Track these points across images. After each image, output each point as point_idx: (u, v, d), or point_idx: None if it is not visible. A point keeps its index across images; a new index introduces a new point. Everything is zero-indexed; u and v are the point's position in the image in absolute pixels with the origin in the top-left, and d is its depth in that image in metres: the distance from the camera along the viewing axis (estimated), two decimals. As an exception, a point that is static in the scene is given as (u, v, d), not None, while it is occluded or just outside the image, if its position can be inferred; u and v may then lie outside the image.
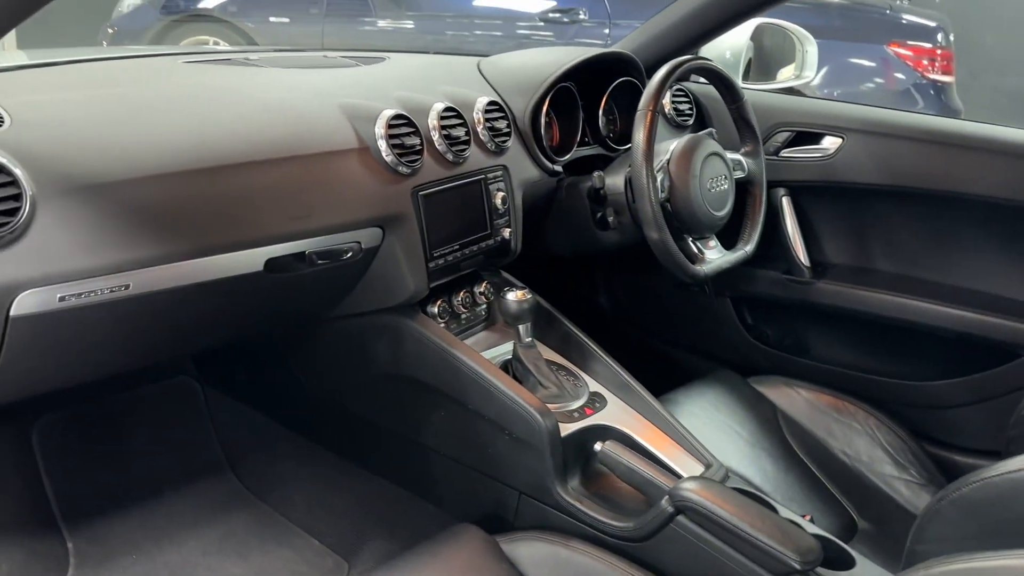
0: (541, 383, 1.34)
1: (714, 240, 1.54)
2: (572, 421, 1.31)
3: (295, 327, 1.46)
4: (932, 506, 0.94)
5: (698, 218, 1.46)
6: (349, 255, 1.24)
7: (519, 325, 1.38)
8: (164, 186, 1.04)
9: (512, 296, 1.36)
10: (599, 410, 1.35)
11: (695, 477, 1.23)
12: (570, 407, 1.34)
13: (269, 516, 1.50)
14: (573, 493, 1.27)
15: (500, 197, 1.43)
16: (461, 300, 1.45)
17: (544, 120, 1.52)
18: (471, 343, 1.43)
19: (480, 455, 1.35)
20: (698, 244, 1.51)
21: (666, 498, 1.15)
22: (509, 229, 1.45)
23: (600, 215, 1.54)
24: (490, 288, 1.50)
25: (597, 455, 1.28)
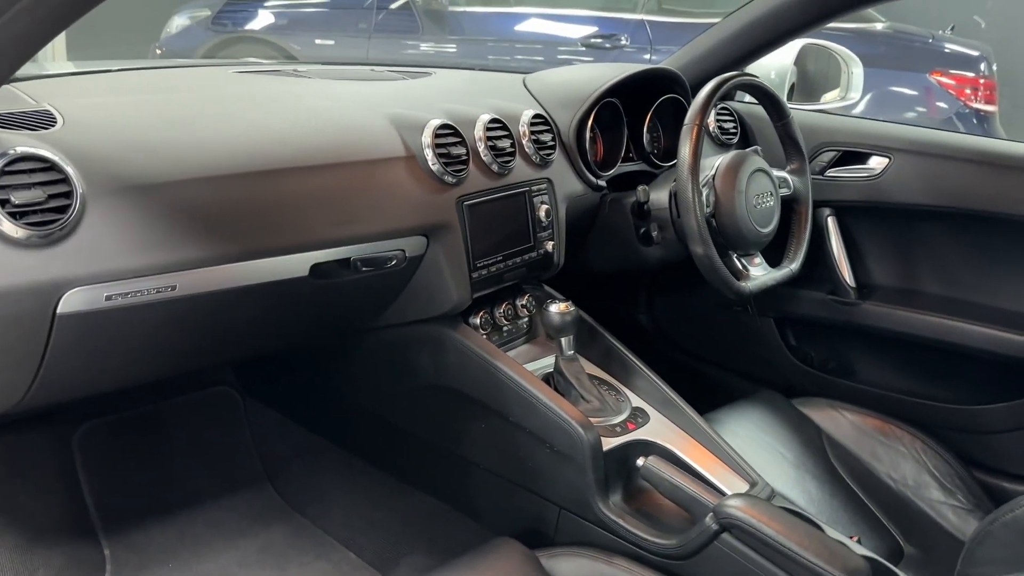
0: (583, 396, 1.33)
1: (759, 257, 1.52)
2: (614, 436, 1.29)
3: (337, 336, 1.46)
4: (983, 528, 0.91)
5: (743, 234, 1.45)
6: (393, 263, 1.24)
7: (561, 338, 1.36)
8: (213, 188, 1.04)
9: (555, 308, 1.35)
10: (641, 425, 1.33)
11: (741, 494, 1.20)
12: (612, 421, 1.32)
13: (307, 528, 1.49)
14: (614, 509, 1.24)
15: (544, 210, 1.43)
16: (503, 312, 1.44)
17: (589, 135, 1.52)
18: (512, 356, 1.42)
19: (520, 468, 1.33)
20: (743, 261, 1.49)
21: (711, 515, 1.12)
22: (552, 242, 1.45)
23: (644, 230, 1.53)
24: (532, 301, 1.49)
25: (639, 470, 1.25)
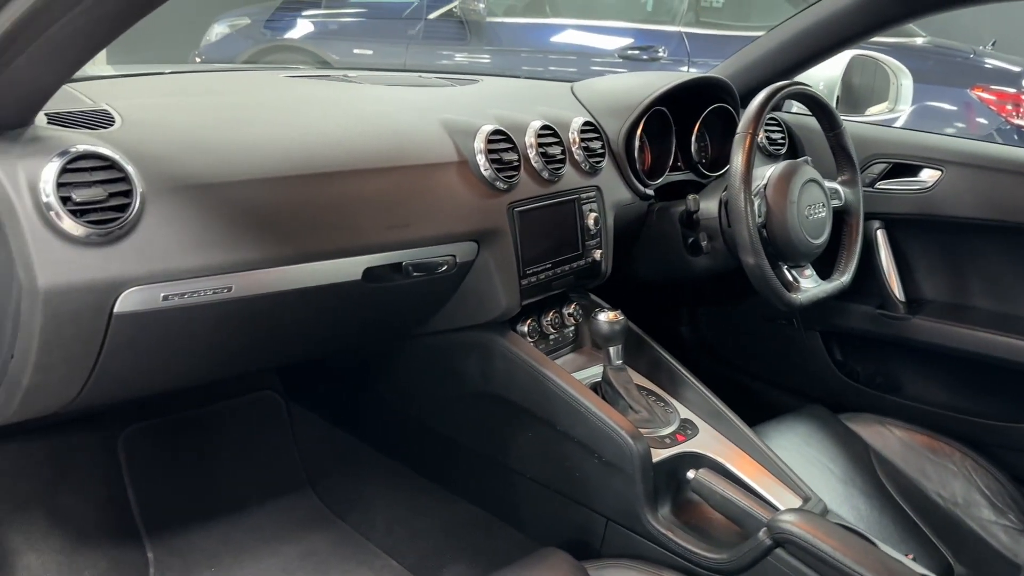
0: (632, 407, 1.31)
1: (810, 269, 1.49)
2: (663, 447, 1.27)
3: (384, 342, 1.46)
4: None
5: (795, 245, 1.42)
6: (444, 268, 1.23)
7: (609, 347, 1.34)
8: (270, 189, 1.04)
9: (604, 317, 1.33)
10: (690, 437, 1.31)
11: (795, 509, 1.17)
12: (660, 433, 1.30)
13: (349, 536, 1.48)
14: (663, 521, 1.22)
15: (592, 218, 1.42)
16: (550, 320, 1.43)
17: (637, 143, 1.51)
18: (559, 364, 1.40)
19: (567, 479, 1.31)
20: (793, 272, 1.46)
21: (764, 530, 1.09)
22: (600, 251, 1.44)
23: (692, 240, 1.51)
24: (579, 309, 1.47)
25: (690, 483, 1.23)
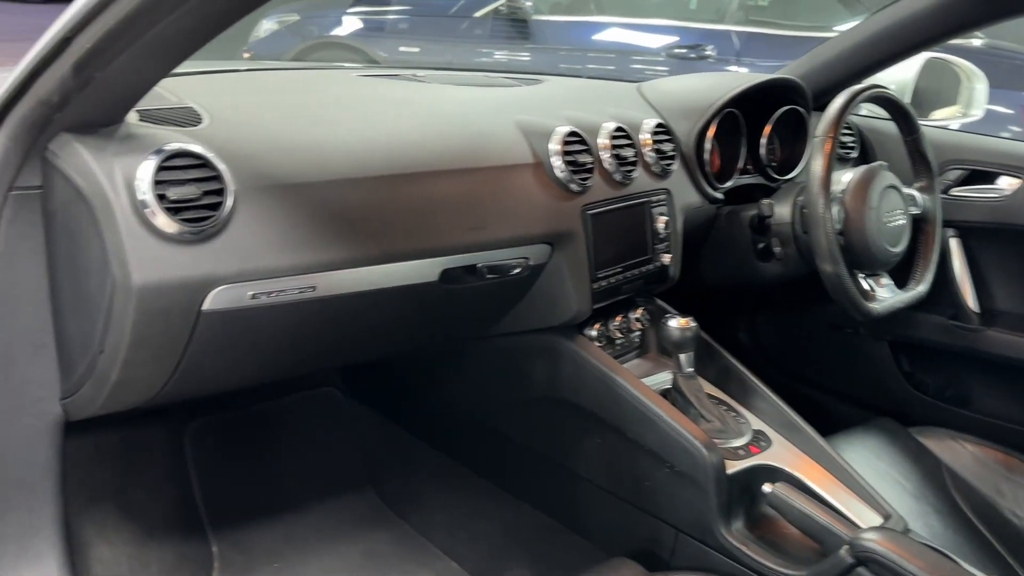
0: (703, 416, 1.28)
1: (887, 278, 1.45)
2: (737, 459, 1.25)
3: (452, 343, 1.45)
4: None
5: (873, 253, 1.39)
6: (518, 270, 1.22)
7: (680, 354, 1.32)
8: (355, 190, 1.04)
9: (675, 323, 1.31)
10: (764, 449, 1.28)
11: (877, 527, 1.14)
12: (733, 444, 1.27)
13: (410, 536, 1.47)
14: (737, 535, 1.19)
15: (663, 222, 1.40)
16: (617, 325, 1.41)
17: (708, 146, 1.48)
18: None
19: (635, 487, 1.29)
20: (869, 281, 1.43)
21: (846, 548, 1.06)
22: (669, 255, 1.41)
23: (763, 246, 1.48)
24: (646, 315, 1.45)
25: (766, 497, 1.20)
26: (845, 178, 1.42)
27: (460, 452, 1.58)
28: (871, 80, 1.68)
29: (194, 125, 0.99)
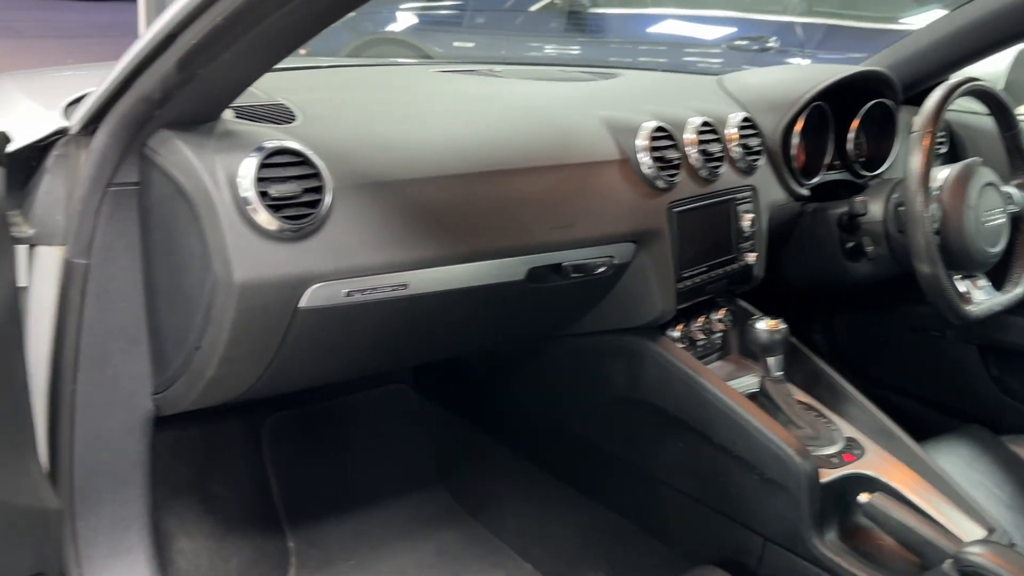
0: (794, 422, 1.24)
1: (984, 279, 1.39)
2: (830, 467, 1.20)
3: (531, 342, 1.43)
4: None
5: (970, 254, 1.32)
6: (602, 269, 1.19)
7: (769, 357, 1.28)
8: (446, 188, 1.03)
9: (763, 325, 1.27)
10: (858, 457, 1.23)
11: (983, 541, 1.09)
12: (825, 452, 1.23)
13: (481, 535, 1.46)
14: (831, 546, 1.15)
15: (748, 219, 1.36)
16: (700, 326, 1.37)
17: (795, 141, 1.43)
18: None
19: (721, 494, 1.25)
20: (966, 283, 1.37)
21: (950, 562, 1.01)
22: (754, 254, 1.37)
23: (852, 245, 1.43)
24: (728, 315, 1.41)
25: (862, 507, 1.15)
26: (941, 175, 1.36)
27: (532, 452, 1.56)
28: (964, 73, 1.61)
29: (288, 122, 0.98)
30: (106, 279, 0.94)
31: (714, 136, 1.31)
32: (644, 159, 1.20)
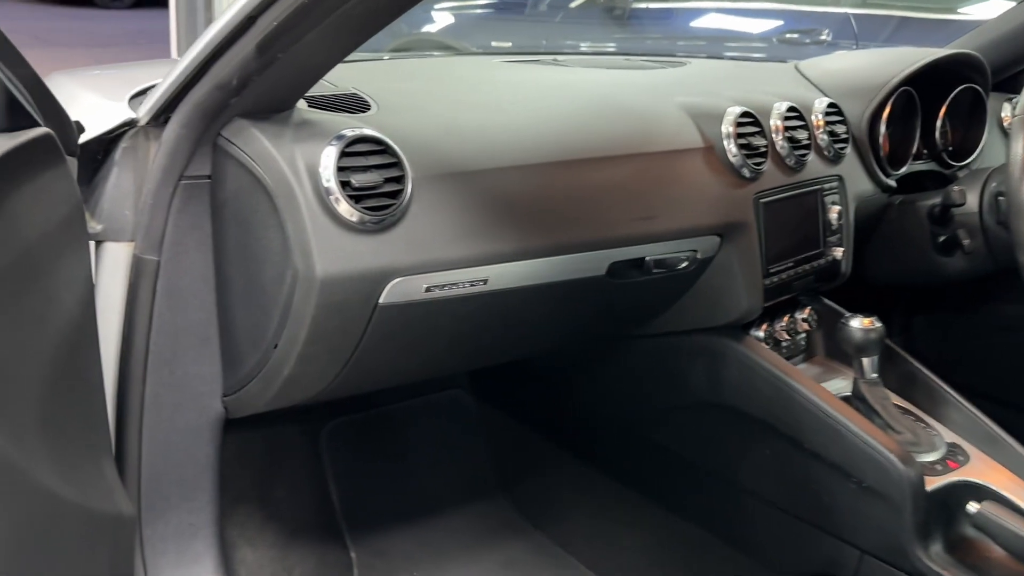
0: (892, 427, 1.16)
1: (1087, 275, 1.30)
2: (934, 474, 1.12)
3: (604, 342, 1.36)
4: None
5: None
6: (685, 264, 1.13)
7: (863, 358, 1.20)
8: (525, 178, 0.98)
9: (857, 323, 1.19)
10: (962, 464, 1.15)
11: None
12: (928, 458, 1.15)
13: (548, 547, 1.39)
14: (936, 558, 1.07)
15: (835, 211, 1.28)
16: (784, 326, 1.30)
17: (882, 128, 1.35)
18: None
19: (811, 503, 1.18)
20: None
21: None
22: (841, 249, 1.30)
23: (944, 239, 1.34)
24: (813, 315, 1.33)
25: (972, 517, 1.07)
26: None
27: (600, 458, 1.49)
28: None
29: (363, 111, 0.94)
30: (176, 276, 0.90)
31: (800, 122, 1.24)
32: (730, 146, 1.13)
